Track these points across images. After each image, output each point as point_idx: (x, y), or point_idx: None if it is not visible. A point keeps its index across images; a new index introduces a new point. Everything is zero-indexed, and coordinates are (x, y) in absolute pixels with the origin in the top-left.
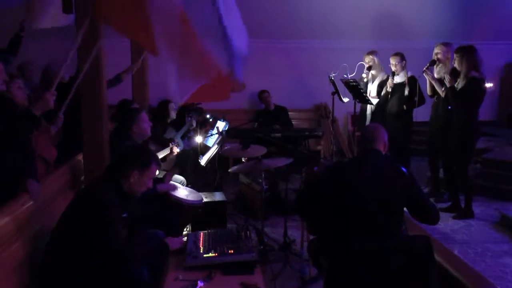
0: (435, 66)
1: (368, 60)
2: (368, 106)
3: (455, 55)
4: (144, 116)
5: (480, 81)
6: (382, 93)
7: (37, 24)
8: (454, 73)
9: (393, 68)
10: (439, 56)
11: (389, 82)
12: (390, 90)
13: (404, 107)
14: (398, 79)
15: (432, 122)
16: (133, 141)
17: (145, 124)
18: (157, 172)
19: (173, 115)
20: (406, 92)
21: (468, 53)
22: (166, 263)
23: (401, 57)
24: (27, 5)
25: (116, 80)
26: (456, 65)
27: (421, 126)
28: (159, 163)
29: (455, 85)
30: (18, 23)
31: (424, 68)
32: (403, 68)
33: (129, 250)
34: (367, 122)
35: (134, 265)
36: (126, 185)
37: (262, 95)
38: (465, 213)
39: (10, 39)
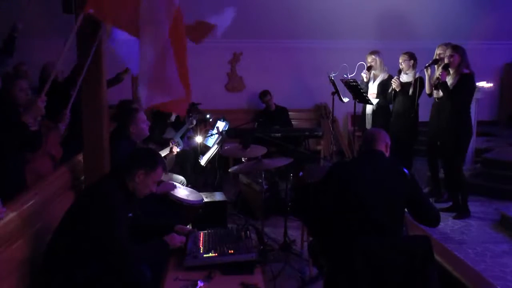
0: (436, 66)
1: (370, 60)
2: (368, 106)
3: (448, 51)
4: (142, 116)
5: (472, 77)
6: (388, 91)
7: None
8: (446, 69)
9: (400, 66)
10: (442, 56)
11: (394, 80)
12: (394, 87)
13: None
14: (405, 78)
15: (433, 122)
16: (133, 141)
17: (143, 125)
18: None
19: (173, 116)
20: (410, 92)
21: (462, 50)
22: (167, 261)
23: (410, 56)
24: None
25: (116, 80)
26: (447, 61)
27: (422, 126)
28: (165, 168)
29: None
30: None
31: (426, 65)
32: (411, 67)
33: (133, 250)
34: (368, 122)
35: (137, 265)
36: (130, 184)
37: (265, 98)
38: (463, 213)
39: (3, 40)
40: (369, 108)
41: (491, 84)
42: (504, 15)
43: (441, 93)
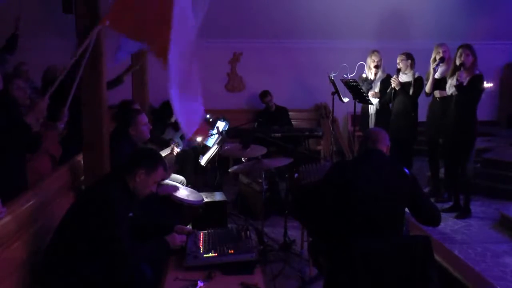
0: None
1: (378, 58)
2: (372, 106)
3: (464, 50)
4: (143, 118)
5: (482, 78)
6: (387, 91)
7: None
8: (457, 70)
9: (398, 66)
10: (445, 55)
11: (393, 79)
12: (394, 87)
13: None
14: (404, 78)
15: (432, 121)
16: (133, 142)
17: (143, 127)
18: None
19: (173, 117)
20: (411, 92)
21: (474, 50)
22: (167, 261)
23: (407, 56)
24: None
25: (117, 81)
26: (462, 60)
27: (421, 126)
28: (166, 169)
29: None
30: (13, 21)
31: (434, 65)
32: (409, 67)
33: (135, 250)
34: (371, 121)
35: (137, 265)
36: (131, 184)
37: (265, 98)
38: (465, 212)
39: (6, 39)
40: (372, 108)
41: (491, 84)
42: (504, 15)
43: (445, 93)
